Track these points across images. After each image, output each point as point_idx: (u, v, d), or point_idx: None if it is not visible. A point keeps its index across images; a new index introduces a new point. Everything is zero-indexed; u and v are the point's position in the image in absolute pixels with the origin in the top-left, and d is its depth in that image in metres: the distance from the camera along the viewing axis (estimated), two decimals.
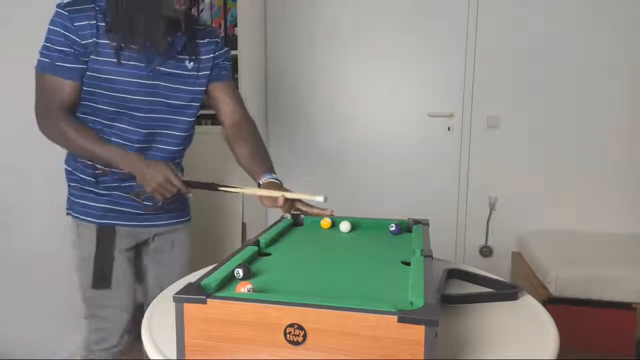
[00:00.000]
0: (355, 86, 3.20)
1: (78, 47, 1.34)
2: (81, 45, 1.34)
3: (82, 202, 1.49)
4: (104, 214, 1.48)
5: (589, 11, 2.84)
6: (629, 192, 2.90)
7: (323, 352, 0.73)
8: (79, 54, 1.35)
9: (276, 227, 1.27)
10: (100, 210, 1.47)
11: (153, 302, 1.10)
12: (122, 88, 1.39)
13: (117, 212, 1.49)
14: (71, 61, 1.35)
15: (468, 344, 0.88)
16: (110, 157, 1.39)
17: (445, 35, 3.03)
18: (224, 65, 1.59)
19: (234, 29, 2.90)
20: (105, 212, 1.48)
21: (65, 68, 1.36)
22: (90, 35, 1.34)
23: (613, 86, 2.86)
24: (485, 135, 3.05)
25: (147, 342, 0.89)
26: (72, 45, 1.34)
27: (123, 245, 1.50)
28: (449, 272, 1.19)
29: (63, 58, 1.35)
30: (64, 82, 1.37)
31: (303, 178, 3.26)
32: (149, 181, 1.37)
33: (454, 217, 3.16)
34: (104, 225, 1.48)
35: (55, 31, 1.34)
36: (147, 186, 1.38)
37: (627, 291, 2.23)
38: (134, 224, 1.52)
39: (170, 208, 1.57)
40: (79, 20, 1.33)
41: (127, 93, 1.40)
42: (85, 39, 1.34)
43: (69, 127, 1.38)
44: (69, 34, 1.33)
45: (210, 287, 0.83)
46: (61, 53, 1.34)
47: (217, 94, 1.59)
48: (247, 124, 1.62)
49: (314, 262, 1.08)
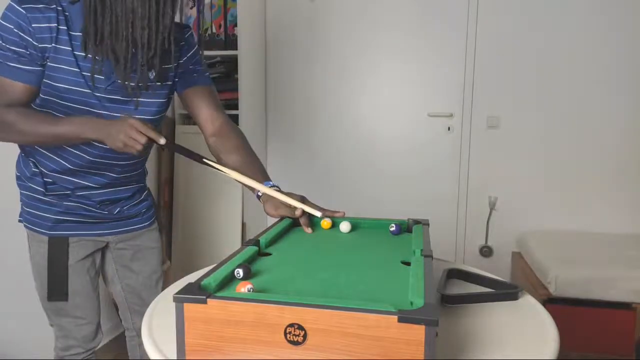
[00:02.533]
0: (356, 86, 3.20)
1: (34, 50, 1.20)
2: (38, 49, 1.20)
3: (32, 212, 1.39)
4: (55, 225, 1.38)
5: (589, 11, 2.84)
6: (629, 192, 2.90)
7: (323, 352, 0.73)
8: (35, 58, 1.21)
9: (276, 227, 1.27)
10: (50, 220, 1.38)
11: (153, 302, 1.10)
12: (82, 100, 1.26)
13: (69, 222, 1.40)
14: (25, 63, 1.21)
15: (468, 344, 0.88)
16: (75, 131, 1.22)
17: (446, 35, 3.03)
18: (194, 69, 1.45)
19: (234, 29, 2.90)
20: (57, 222, 1.38)
21: (17, 69, 1.21)
22: (49, 39, 1.20)
23: (613, 86, 2.86)
24: (485, 135, 3.05)
25: (147, 342, 0.89)
26: (27, 47, 1.19)
27: (79, 255, 1.42)
28: (449, 272, 1.19)
29: (16, 59, 1.20)
30: (15, 85, 1.22)
31: (303, 178, 3.26)
32: (115, 138, 1.20)
33: (454, 217, 3.16)
34: (56, 237, 1.39)
35: (7, 28, 1.19)
36: (115, 144, 1.21)
37: (627, 291, 2.23)
38: (88, 233, 1.43)
39: (129, 215, 1.50)
40: (38, 22, 1.19)
41: (88, 106, 1.27)
42: (43, 43, 1.20)
43: (17, 116, 1.23)
44: (24, 35, 1.19)
45: (211, 287, 0.83)
46: (14, 53, 1.20)
47: (191, 101, 1.45)
48: (231, 132, 1.45)
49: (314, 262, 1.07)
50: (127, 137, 1.19)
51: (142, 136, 1.19)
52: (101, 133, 1.22)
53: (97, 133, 1.22)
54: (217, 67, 2.94)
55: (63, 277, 1.41)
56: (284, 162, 3.33)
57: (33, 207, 1.40)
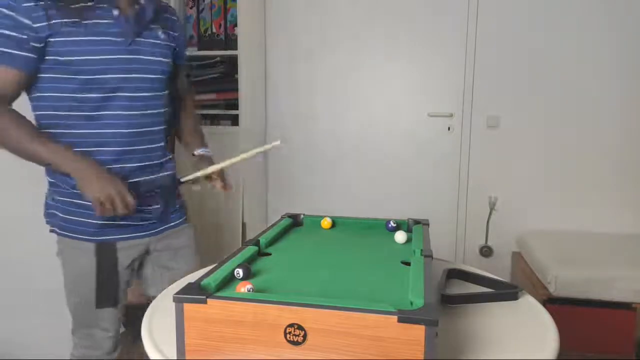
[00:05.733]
0: (356, 86, 3.20)
1: (29, 31, 1.16)
2: (33, 29, 1.16)
3: (71, 219, 1.35)
4: (99, 230, 1.35)
5: (589, 11, 2.84)
6: (629, 192, 2.90)
7: (323, 352, 0.73)
8: (30, 39, 1.17)
9: (276, 227, 1.27)
10: (95, 226, 1.34)
11: (153, 302, 1.10)
12: (102, 68, 1.24)
13: (115, 227, 1.36)
14: (19, 48, 1.17)
15: (468, 344, 0.88)
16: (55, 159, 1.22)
17: (446, 35, 3.03)
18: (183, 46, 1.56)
19: (234, 29, 2.90)
20: (102, 227, 1.34)
21: (10, 55, 1.17)
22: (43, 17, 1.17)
23: (613, 86, 2.86)
24: (485, 135, 3.05)
25: (147, 342, 0.89)
26: (22, 29, 1.16)
27: (124, 262, 1.40)
28: (449, 272, 1.19)
29: (8, 43, 1.16)
30: (9, 72, 1.18)
31: (303, 177, 3.26)
32: (95, 189, 1.21)
33: (454, 217, 3.16)
34: (104, 242, 1.36)
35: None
36: (91, 192, 1.21)
37: (627, 291, 2.23)
38: (133, 236, 1.41)
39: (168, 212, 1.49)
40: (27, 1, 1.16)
41: (109, 73, 1.26)
42: (38, 22, 1.17)
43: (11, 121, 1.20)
44: (18, 17, 1.15)
45: (210, 287, 0.83)
46: (6, 38, 1.16)
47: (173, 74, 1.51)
48: (191, 104, 1.67)
49: (314, 262, 1.08)
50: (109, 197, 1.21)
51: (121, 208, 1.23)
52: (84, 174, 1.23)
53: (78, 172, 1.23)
54: (217, 67, 2.94)
55: (114, 283, 1.39)
56: (283, 161, 3.33)
57: (73, 213, 1.35)
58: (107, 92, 1.27)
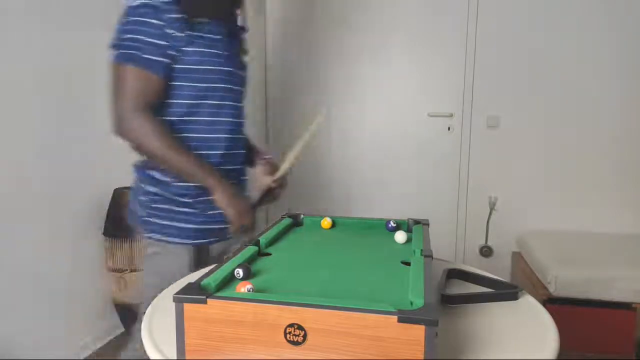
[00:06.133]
0: (356, 86, 3.20)
1: (172, 40, 1.28)
2: (173, 38, 1.29)
3: (172, 225, 1.40)
4: (197, 234, 1.41)
5: (589, 11, 2.84)
6: (629, 192, 2.90)
7: (323, 352, 0.73)
8: (170, 47, 1.29)
9: (276, 227, 1.27)
10: (193, 230, 1.41)
11: (153, 302, 1.10)
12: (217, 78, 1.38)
13: (209, 231, 1.43)
14: (162, 55, 1.29)
15: (468, 344, 0.88)
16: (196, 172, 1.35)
17: (446, 35, 3.03)
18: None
19: None
20: (199, 231, 1.41)
21: (156, 62, 1.28)
22: (181, 28, 1.29)
23: (613, 86, 2.86)
24: (485, 135, 3.05)
25: (147, 342, 0.89)
26: (167, 38, 1.28)
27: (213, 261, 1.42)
28: (449, 272, 1.19)
29: (155, 51, 1.27)
30: (153, 78, 1.29)
31: (303, 177, 3.26)
32: (231, 205, 1.37)
33: (454, 217, 3.16)
34: (200, 245, 1.43)
35: (145, 22, 1.26)
36: (229, 209, 1.37)
37: (627, 291, 2.23)
38: (222, 239, 1.47)
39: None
40: (173, 13, 1.28)
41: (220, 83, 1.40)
42: (179, 32, 1.29)
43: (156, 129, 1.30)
44: (164, 27, 1.27)
45: (210, 287, 0.83)
46: (152, 46, 1.27)
47: None
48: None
49: (314, 262, 1.07)
50: (241, 214, 1.39)
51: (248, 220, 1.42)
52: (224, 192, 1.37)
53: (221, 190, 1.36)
54: None
55: None
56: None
57: (174, 219, 1.40)
58: (218, 99, 1.40)
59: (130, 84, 1.28)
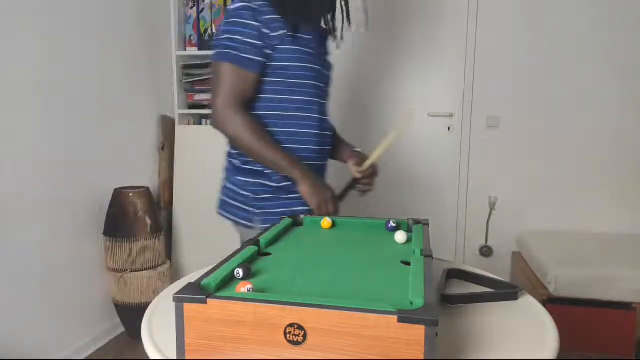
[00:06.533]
0: (355, 86, 3.19)
1: (267, 39, 1.36)
2: (269, 38, 1.37)
3: (266, 212, 1.48)
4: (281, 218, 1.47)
5: (589, 11, 2.84)
6: (629, 192, 2.90)
7: (323, 352, 0.73)
8: (265, 46, 1.37)
9: (276, 227, 1.27)
10: (279, 215, 1.45)
11: (153, 302, 1.10)
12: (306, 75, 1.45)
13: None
14: (259, 54, 1.37)
15: (468, 344, 0.88)
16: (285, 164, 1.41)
17: (446, 35, 3.03)
18: None
19: None
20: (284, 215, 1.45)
21: (252, 61, 1.37)
22: (276, 28, 1.37)
23: (613, 87, 2.86)
24: (485, 135, 3.05)
25: (147, 342, 0.89)
26: (263, 38, 1.36)
27: None
28: (449, 272, 1.19)
29: (251, 50, 1.36)
30: (250, 76, 1.38)
31: None
32: (315, 194, 1.43)
33: (454, 217, 3.16)
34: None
35: (244, 23, 1.35)
36: (313, 198, 1.43)
37: (627, 291, 2.23)
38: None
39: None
40: (269, 14, 1.37)
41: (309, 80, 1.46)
42: (274, 32, 1.37)
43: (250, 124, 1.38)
44: (262, 27, 1.36)
45: (210, 287, 0.83)
46: (249, 45, 1.36)
47: None
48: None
49: (314, 262, 1.07)
50: (324, 202, 1.44)
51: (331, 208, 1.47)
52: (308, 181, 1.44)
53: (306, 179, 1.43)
54: None
55: None
56: None
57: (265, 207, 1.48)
58: (307, 95, 1.47)
59: (227, 81, 1.37)
